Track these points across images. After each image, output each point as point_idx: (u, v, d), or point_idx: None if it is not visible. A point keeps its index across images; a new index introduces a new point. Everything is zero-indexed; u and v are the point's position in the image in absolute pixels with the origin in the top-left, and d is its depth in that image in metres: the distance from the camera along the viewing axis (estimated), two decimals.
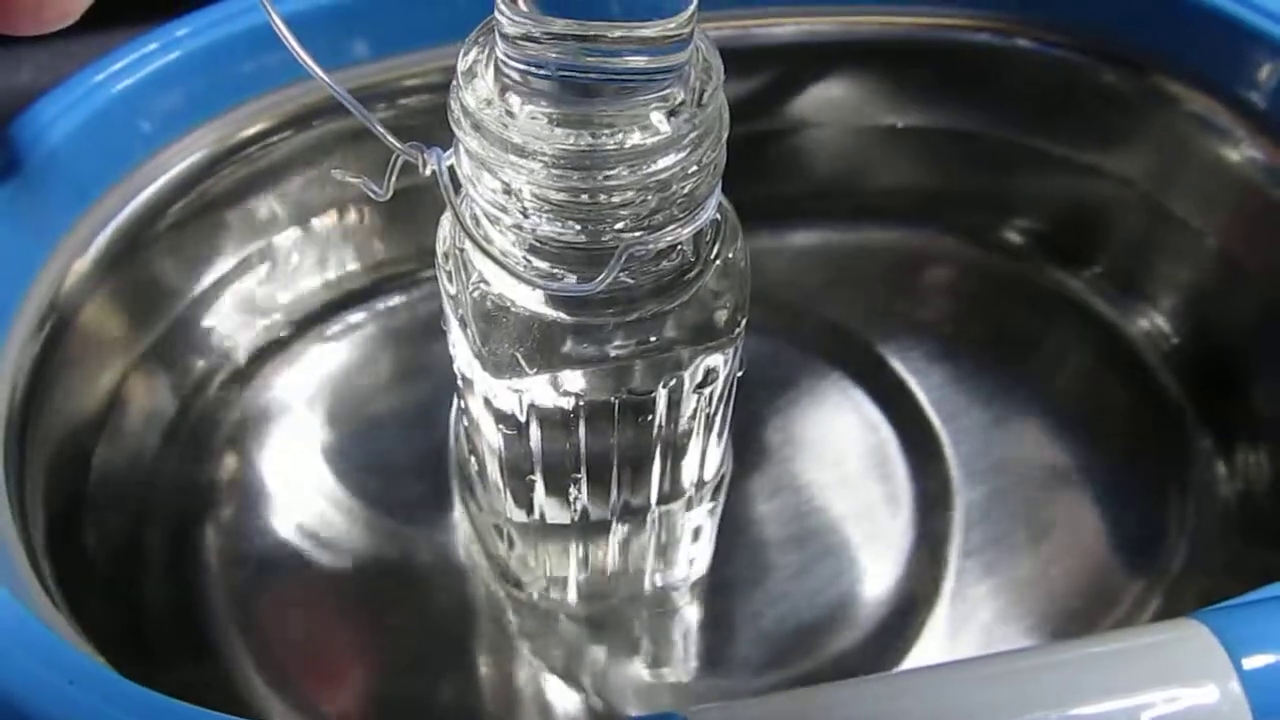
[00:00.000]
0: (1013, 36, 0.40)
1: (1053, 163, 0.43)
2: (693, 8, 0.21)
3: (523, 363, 0.24)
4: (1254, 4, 0.37)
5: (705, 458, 0.30)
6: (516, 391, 0.26)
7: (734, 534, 0.37)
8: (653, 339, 0.25)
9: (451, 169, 0.23)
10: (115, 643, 0.29)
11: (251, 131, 0.37)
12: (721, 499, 0.34)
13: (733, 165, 0.24)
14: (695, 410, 0.28)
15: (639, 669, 0.35)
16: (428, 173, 0.23)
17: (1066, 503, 0.39)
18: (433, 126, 0.24)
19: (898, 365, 0.42)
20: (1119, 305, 0.43)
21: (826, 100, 0.42)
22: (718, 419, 0.29)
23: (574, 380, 0.25)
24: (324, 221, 0.40)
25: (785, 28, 0.40)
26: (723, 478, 0.33)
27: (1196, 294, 0.41)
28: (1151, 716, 0.21)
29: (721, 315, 0.25)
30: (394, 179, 0.25)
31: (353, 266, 0.42)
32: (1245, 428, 0.39)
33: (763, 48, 0.41)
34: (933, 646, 0.35)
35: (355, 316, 0.42)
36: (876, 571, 0.37)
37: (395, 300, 0.43)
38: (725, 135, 0.23)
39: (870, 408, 0.41)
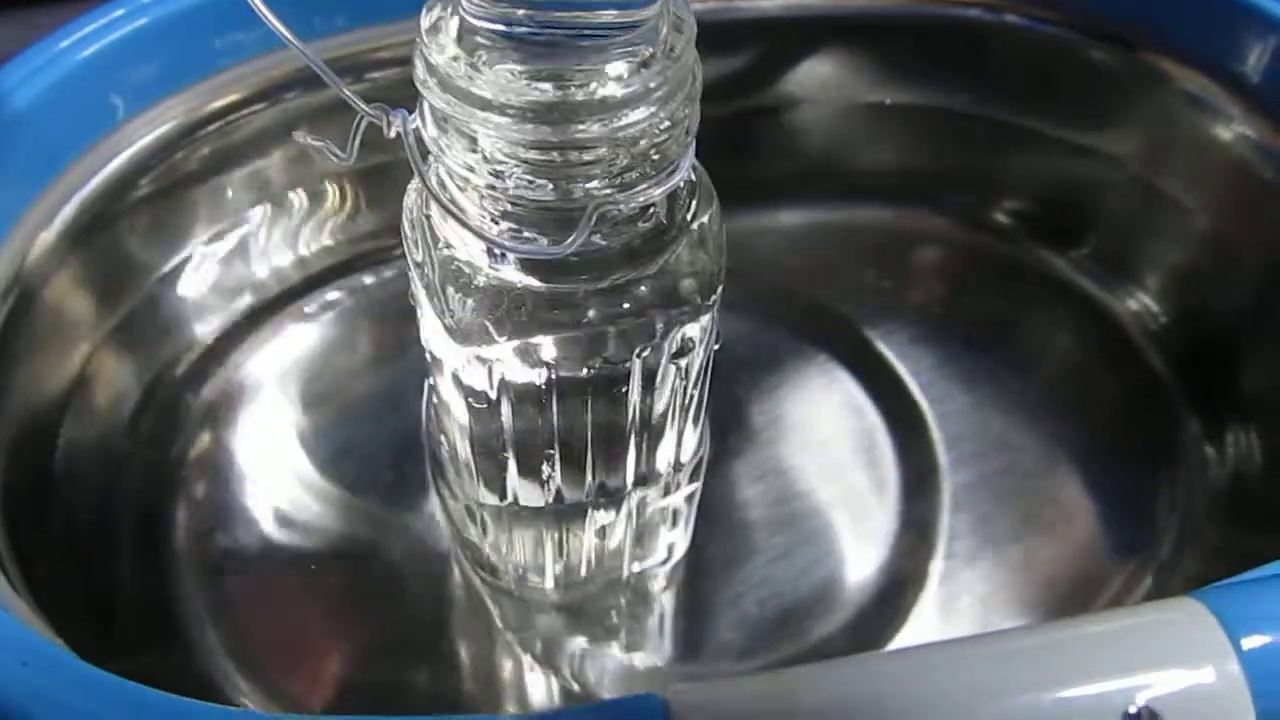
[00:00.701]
0: (1002, 12, 0.40)
1: (1042, 142, 0.42)
2: None
3: (492, 330, 0.24)
4: None
5: (682, 438, 0.30)
6: (486, 363, 0.25)
7: (717, 517, 0.37)
8: (626, 305, 0.24)
9: (418, 132, 0.23)
10: (81, 625, 0.29)
11: (222, 104, 0.36)
12: (699, 483, 0.34)
13: (718, 143, 0.24)
14: (671, 385, 0.27)
15: (618, 654, 0.35)
16: (392, 134, 0.23)
17: (1055, 485, 0.38)
18: (401, 100, 0.24)
19: (884, 347, 0.42)
20: (1108, 286, 0.43)
21: (813, 77, 0.42)
22: (694, 397, 0.29)
23: (545, 349, 0.25)
24: (296, 197, 0.40)
25: (771, 2, 0.40)
26: (700, 461, 0.33)
27: (1186, 274, 0.41)
28: (1148, 697, 0.20)
29: (697, 281, 0.25)
30: (357, 143, 0.24)
31: (326, 244, 0.41)
32: (1235, 409, 0.39)
33: (748, 22, 0.40)
34: (919, 631, 0.35)
35: (328, 295, 0.42)
36: (862, 555, 0.37)
37: (369, 278, 0.42)
38: (698, 92, 0.23)
39: (856, 390, 0.41)
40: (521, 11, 0.20)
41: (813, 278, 0.44)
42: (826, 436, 0.39)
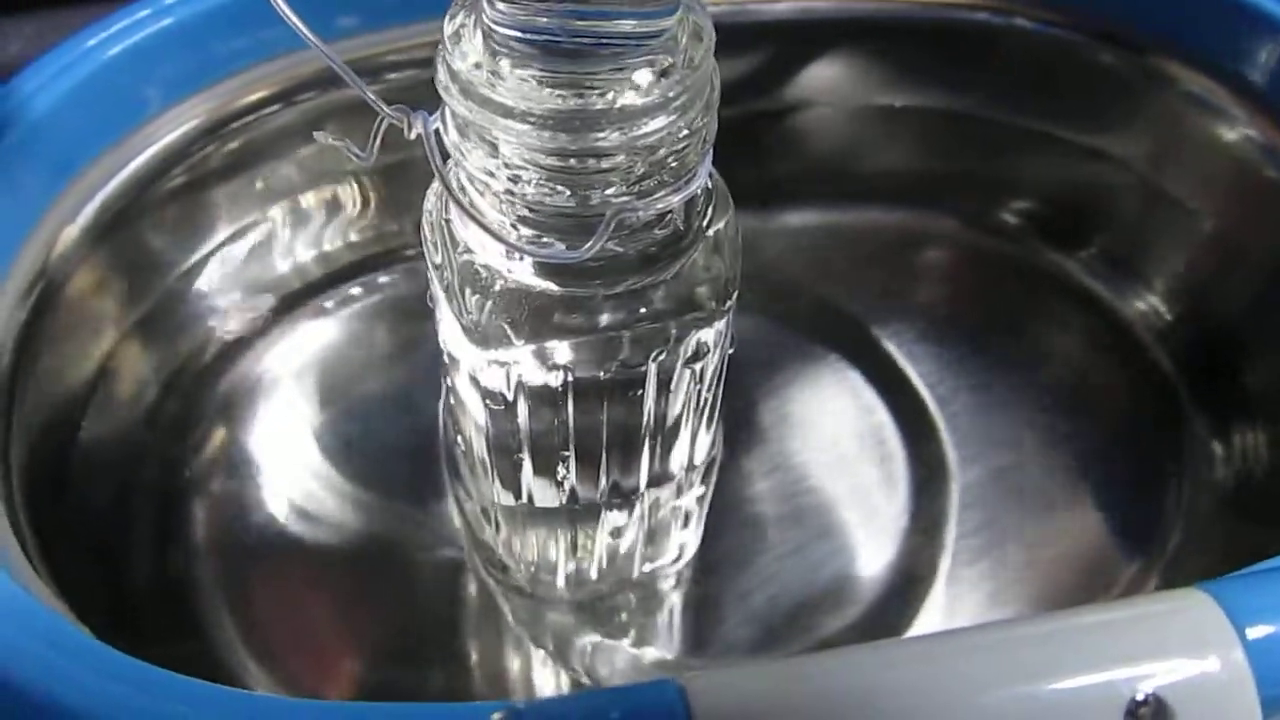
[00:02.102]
0: (1011, 16, 0.40)
1: (1049, 144, 0.43)
2: None
3: (510, 334, 0.24)
4: None
5: (696, 440, 0.30)
6: (504, 365, 0.25)
7: (728, 514, 0.37)
8: (643, 310, 0.24)
9: (438, 134, 0.23)
10: (100, 615, 0.29)
11: (244, 103, 0.37)
12: (711, 484, 0.34)
13: (728, 145, 0.24)
14: (686, 388, 0.27)
15: (629, 650, 0.35)
16: (413, 135, 0.23)
17: (1062, 483, 0.39)
18: (418, 100, 0.24)
19: (893, 346, 0.42)
20: (1115, 286, 0.43)
21: (822, 80, 0.42)
22: (708, 399, 0.29)
23: (563, 352, 0.25)
24: (317, 196, 0.40)
25: (781, 5, 0.40)
26: (712, 461, 0.33)
27: (1192, 274, 0.41)
28: (1154, 686, 0.21)
29: (712, 288, 0.25)
30: (378, 143, 0.24)
31: (346, 241, 0.42)
32: (1241, 408, 0.39)
33: (759, 25, 0.40)
34: (928, 626, 0.35)
35: (348, 291, 0.42)
36: (871, 552, 0.37)
37: (388, 276, 0.42)
38: (716, 100, 0.23)
39: (865, 389, 0.41)
40: (543, 19, 0.21)
41: (822, 278, 0.44)
42: (835, 435, 0.40)
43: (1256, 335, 0.39)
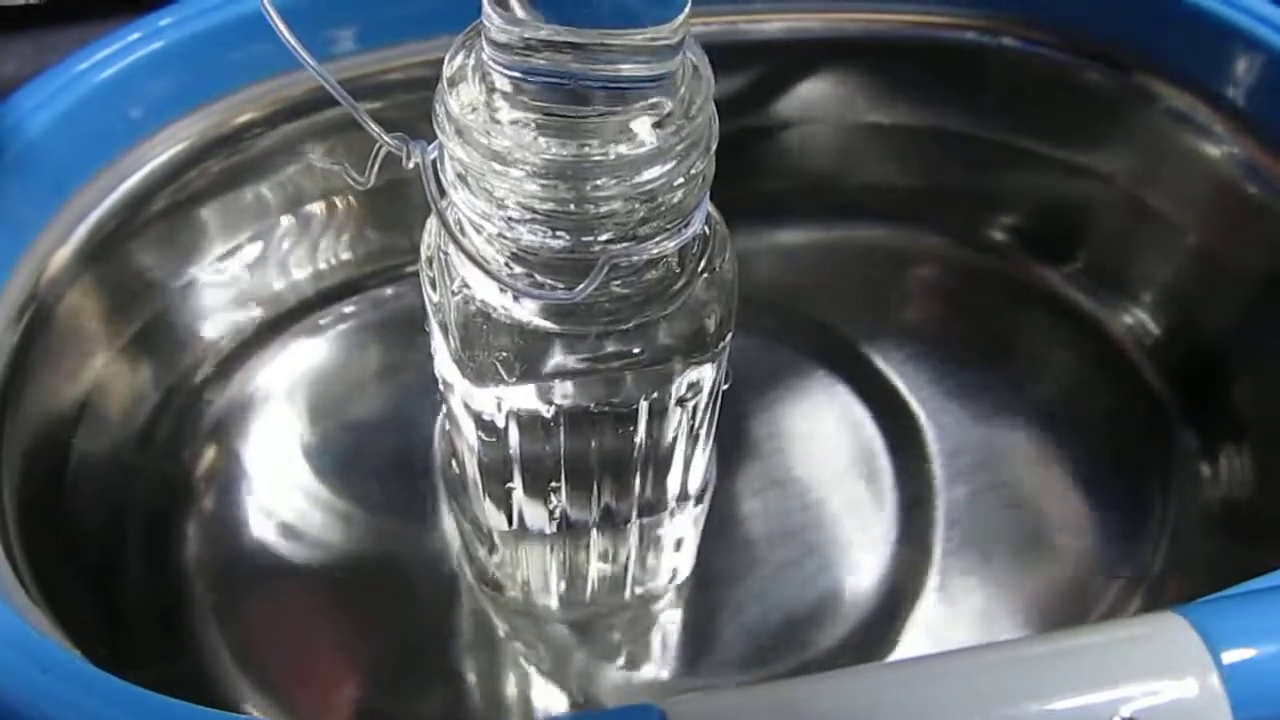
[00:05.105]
0: (998, 35, 0.41)
1: (1036, 160, 0.43)
2: (684, 15, 0.21)
3: (502, 371, 0.24)
4: (1234, 2, 0.37)
5: (689, 470, 0.30)
6: (496, 397, 0.26)
7: (719, 531, 0.37)
8: (636, 350, 0.25)
9: (435, 166, 0.23)
10: (92, 636, 0.29)
11: (237, 123, 0.37)
12: (705, 508, 0.34)
13: (718, 163, 0.24)
14: (679, 423, 0.27)
15: (621, 668, 0.35)
16: (410, 165, 0.23)
17: (1049, 500, 0.39)
18: (414, 120, 0.24)
19: (882, 363, 0.42)
20: (1102, 302, 0.43)
21: (812, 98, 0.42)
22: (702, 432, 0.29)
23: (556, 389, 0.25)
24: (310, 214, 0.40)
25: (772, 25, 0.40)
26: (706, 486, 0.33)
27: (1178, 290, 0.42)
28: (1131, 710, 0.21)
29: (707, 327, 0.25)
30: (376, 169, 0.24)
31: (339, 259, 0.42)
32: (1228, 426, 0.39)
33: (749, 44, 0.41)
34: (916, 643, 0.36)
35: (341, 310, 0.42)
36: (860, 568, 0.37)
37: (382, 294, 0.42)
38: (714, 146, 0.23)
39: (855, 405, 0.41)
40: (543, 61, 0.20)
41: (812, 294, 0.44)
42: (826, 451, 0.40)
43: (1244, 353, 0.39)
